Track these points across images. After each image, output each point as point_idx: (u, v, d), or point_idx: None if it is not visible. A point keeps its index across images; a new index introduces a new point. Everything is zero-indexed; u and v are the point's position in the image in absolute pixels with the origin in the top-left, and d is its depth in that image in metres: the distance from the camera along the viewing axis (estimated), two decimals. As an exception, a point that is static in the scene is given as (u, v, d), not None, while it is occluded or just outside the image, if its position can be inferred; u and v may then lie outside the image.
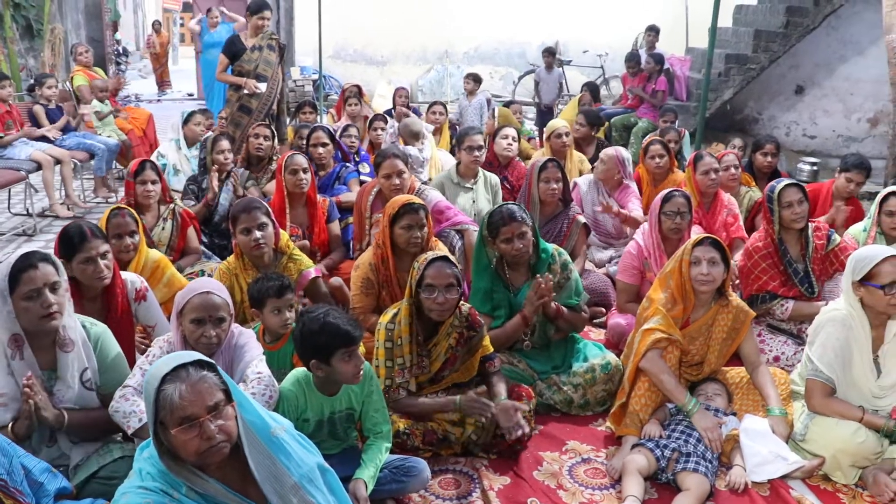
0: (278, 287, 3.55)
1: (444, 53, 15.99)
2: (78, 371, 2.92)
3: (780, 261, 4.41)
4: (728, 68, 10.30)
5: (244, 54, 7.46)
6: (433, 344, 3.46)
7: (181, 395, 2.06)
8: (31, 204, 7.30)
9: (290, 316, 3.59)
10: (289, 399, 3.01)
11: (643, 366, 3.56)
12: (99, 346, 3.03)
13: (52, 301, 2.81)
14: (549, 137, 6.73)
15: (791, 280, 4.40)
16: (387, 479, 3.07)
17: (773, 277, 4.40)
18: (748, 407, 3.64)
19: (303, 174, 5.14)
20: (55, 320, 2.83)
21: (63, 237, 3.46)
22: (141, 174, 4.91)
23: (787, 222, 4.37)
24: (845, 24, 10.52)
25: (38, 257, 2.85)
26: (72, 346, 2.90)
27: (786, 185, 4.38)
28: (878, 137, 10.84)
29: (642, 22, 12.06)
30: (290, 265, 4.24)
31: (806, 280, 4.40)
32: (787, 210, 4.34)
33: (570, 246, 5.18)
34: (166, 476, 2.11)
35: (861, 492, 3.30)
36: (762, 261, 4.42)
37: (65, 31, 13.05)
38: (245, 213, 4.04)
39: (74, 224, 3.54)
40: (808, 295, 4.40)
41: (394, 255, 4.16)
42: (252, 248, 4.02)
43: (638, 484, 3.16)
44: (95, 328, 3.06)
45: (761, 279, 4.42)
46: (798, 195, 4.34)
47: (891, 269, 3.24)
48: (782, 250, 4.40)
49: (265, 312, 3.57)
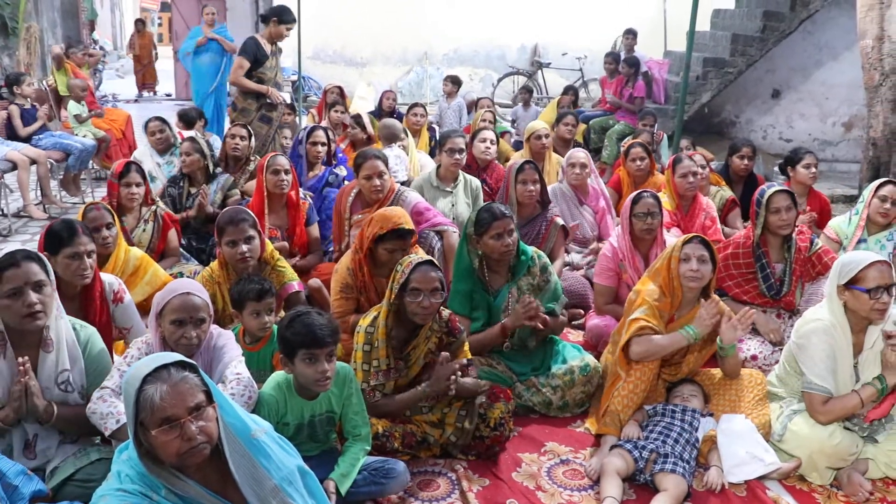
0: (258, 291, 3.54)
1: (424, 55, 15.99)
2: (55, 372, 2.89)
3: (753, 264, 4.44)
4: (706, 72, 10.39)
5: (266, 61, 7.23)
6: (412, 348, 3.45)
7: (162, 395, 2.05)
8: (7, 204, 7.22)
9: (270, 319, 3.59)
10: (269, 403, 2.99)
11: (635, 356, 3.56)
12: (88, 349, 3.00)
13: (35, 300, 2.77)
14: (529, 139, 6.73)
15: (757, 283, 4.44)
16: (366, 481, 3.07)
17: (752, 279, 4.45)
18: (725, 407, 3.67)
19: (284, 175, 5.11)
20: (39, 320, 2.80)
21: (51, 231, 3.43)
22: (126, 176, 4.88)
23: (773, 227, 4.39)
24: (821, 29, 10.65)
25: (21, 255, 2.82)
26: (52, 347, 2.87)
27: (776, 190, 4.39)
28: (853, 141, 10.99)
29: (621, 25, 12.11)
30: (273, 276, 4.16)
31: (777, 283, 4.44)
32: (774, 215, 4.36)
33: (548, 248, 5.19)
34: (145, 478, 2.10)
35: (836, 492, 3.34)
36: (732, 260, 4.46)
37: (40, 30, 12.93)
38: (232, 225, 3.95)
39: (66, 219, 3.52)
40: (771, 299, 4.45)
41: (369, 262, 4.12)
42: (238, 261, 3.96)
43: (616, 485, 3.18)
44: (85, 330, 3.03)
45: (735, 278, 4.48)
46: (787, 202, 4.35)
47: (876, 273, 3.27)
48: (758, 254, 4.43)
49: (244, 315, 3.57)
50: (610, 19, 14.07)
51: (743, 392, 3.69)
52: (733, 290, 4.50)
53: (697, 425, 3.49)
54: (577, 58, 14.51)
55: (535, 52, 15.67)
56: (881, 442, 3.37)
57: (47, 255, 3.32)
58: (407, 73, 15.94)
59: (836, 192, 8.74)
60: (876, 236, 4.74)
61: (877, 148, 7.32)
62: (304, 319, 2.91)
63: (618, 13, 14.01)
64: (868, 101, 7.43)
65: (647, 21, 13.42)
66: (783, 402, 3.61)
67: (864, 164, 7.65)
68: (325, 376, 2.92)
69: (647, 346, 3.54)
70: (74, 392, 2.94)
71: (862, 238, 4.76)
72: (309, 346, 2.88)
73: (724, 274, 4.47)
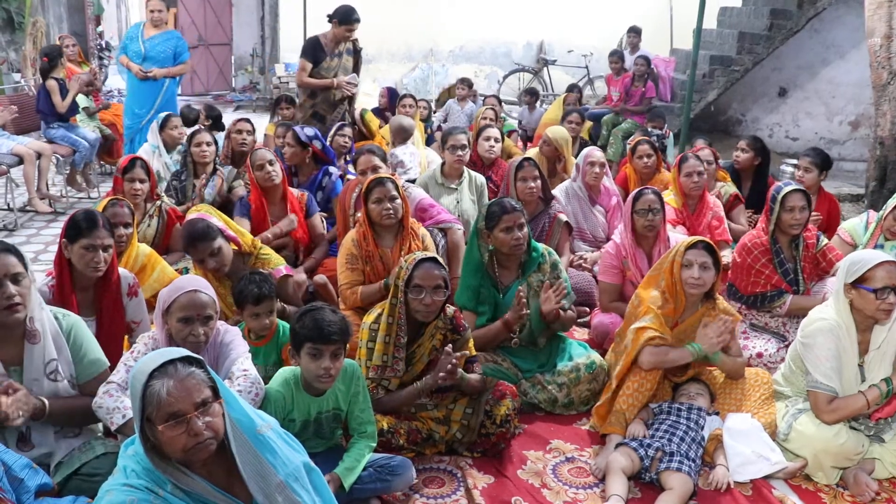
0: (256, 295, 3.60)
1: (430, 52, 15.96)
2: (43, 363, 2.86)
3: (773, 259, 4.44)
4: (712, 70, 10.37)
5: (324, 61, 7.08)
6: (417, 345, 3.44)
7: (169, 391, 2.05)
8: (13, 198, 7.23)
9: (271, 321, 3.67)
10: (276, 399, 3.00)
11: (645, 364, 3.56)
12: (72, 338, 2.97)
13: (13, 292, 2.74)
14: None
15: (782, 278, 4.45)
16: (371, 478, 3.06)
17: (773, 273, 4.45)
18: (731, 406, 3.66)
19: (269, 167, 5.09)
20: (18, 312, 2.76)
21: (74, 219, 3.44)
22: (130, 171, 4.89)
23: (785, 226, 4.39)
24: (828, 28, 10.61)
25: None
26: (39, 339, 2.84)
27: (793, 189, 4.39)
28: (859, 140, 10.96)
29: (627, 22, 12.11)
30: (259, 265, 4.23)
31: (795, 279, 4.45)
32: (787, 214, 4.36)
33: (552, 245, 5.16)
34: (151, 473, 2.09)
35: (842, 491, 3.34)
36: (762, 256, 4.46)
37: (47, 25, 12.92)
38: (192, 246, 4.00)
39: (90, 211, 3.53)
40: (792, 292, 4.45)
41: (373, 231, 4.36)
42: (212, 272, 4.05)
43: (622, 483, 3.17)
44: (68, 319, 3.00)
45: (763, 274, 4.46)
46: (802, 202, 4.35)
47: (884, 274, 3.25)
48: (775, 249, 4.43)
49: (245, 316, 3.66)
50: (616, 16, 14.03)
51: (749, 391, 3.68)
52: (753, 279, 4.48)
53: (703, 424, 3.48)
54: (582, 55, 14.49)
55: (541, 50, 15.63)
56: (887, 441, 3.36)
57: (65, 242, 3.36)
58: (412, 69, 15.91)
59: (843, 191, 8.72)
60: (894, 241, 4.66)
61: (884, 147, 7.30)
62: (315, 315, 2.93)
63: (624, 10, 13.97)
64: (875, 99, 7.41)
65: (654, 18, 13.39)
66: (789, 401, 3.60)
67: (870, 162, 7.64)
68: (328, 373, 2.93)
69: (657, 357, 3.54)
70: (64, 381, 2.91)
71: (878, 244, 4.72)
72: (315, 340, 2.89)
73: (744, 268, 4.47)
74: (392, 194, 4.32)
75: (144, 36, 8.03)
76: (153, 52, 7.98)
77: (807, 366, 3.43)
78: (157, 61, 7.99)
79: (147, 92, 8.04)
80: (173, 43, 8.13)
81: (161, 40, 8.04)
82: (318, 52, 7.07)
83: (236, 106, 14.94)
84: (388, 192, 4.31)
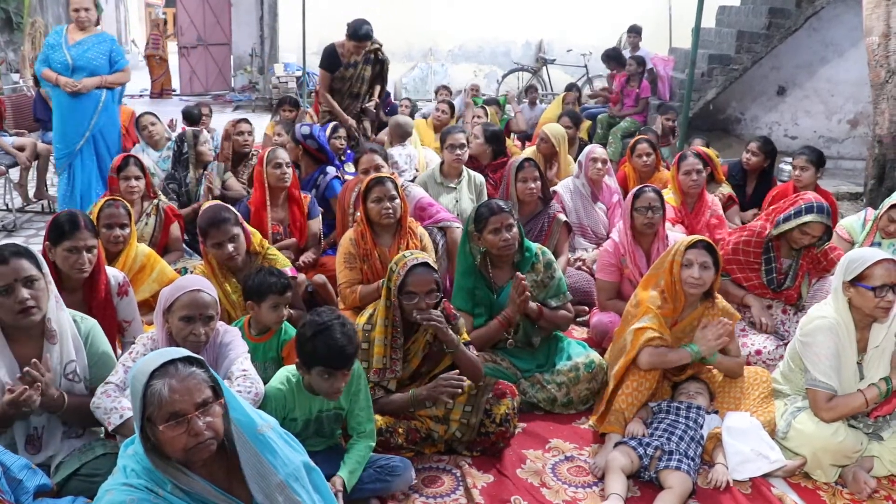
0: (282, 285, 3.61)
1: (429, 51, 15.95)
2: (62, 363, 2.88)
3: (760, 255, 4.43)
4: (711, 69, 10.35)
5: (339, 70, 7.02)
6: (412, 342, 3.45)
7: (170, 390, 2.05)
8: (11, 199, 7.23)
9: (286, 312, 3.66)
10: (276, 399, 3.00)
11: (644, 365, 3.56)
12: (90, 341, 2.99)
13: (26, 296, 2.74)
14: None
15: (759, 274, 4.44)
16: (371, 478, 3.07)
17: (756, 276, 4.45)
18: (730, 405, 3.66)
19: (286, 168, 5.09)
20: (33, 315, 2.78)
21: (56, 221, 3.44)
22: (124, 170, 4.88)
23: (794, 241, 4.35)
24: (826, 26, 10.61)
25: (9, 251, 2.79)
26: (57, 339, 2.86)
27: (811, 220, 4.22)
28: (858, 138, 10.96)
29: (626, 21, 12.10)
30: (266, 265, 4.16)
31: (781, 278, 4.44)
32: (802, 236, 4.28)
33: (551, 245, 5.15)
34: (151, 473, 2.09)
35: (841, 489, 3.34)
36: (743, 247, 4.45)
37: (45, 25, 12.93)
38: (214, 227, 3.91)
39: (71, 212, 3.53)
40: (772, 292, 4.45)
41: (371, 230, 4.36)
42: (226, 260, 3.98)
43: (621, 482, 3.18)
44: (86, 322, 3.03)
45: (746, 271, 4.47)
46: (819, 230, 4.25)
47: (883, 272, 3.26)
48: (766, 247, 4.41)
49: (263, 307, 3.60)
50: (615, 16, 14.04)
51: (748, 389, 3.69)
52: (736, 273, 4.50)
53: (702, 422, 3.48)
54: (581, 54, 14.48)
55: (540, 49, 15.62)
56: (886, 439, 3.37)
57: (48, 244, 3.35)
58: (412, 69, 15.91)
59: (842, 190, 8.70)
60: (891, 239, 4.68)
61: (882, 145, 7.30)
62: (328, 339, 2.86)
63: (623, 9, 13.97)
64: (874, 98, 7.41)
65: (653, 17, 13.37)
66: (787, 399, 3.61)
67: (869, 161, 7.64)
68: (338, 389, 2.95)
69: (656, 358, 3.55)
70: (80, 382, 2.94)
71: (875, 242, 4.73)
72: (328, 365, 2.89)
73: (731, 258, 4.47)
74: (391, 194, 4.32)
75: (69, 42, 6.30)
76: (82, 59, 6.26)
77: (806, 364, 3.44)
78: (87, 70, 6.27)
79: (80, 109, 6.34)
80: (106, 47, 6.41)
81: (91, 45, 6.33)
82: (334, 60, 7.04)
83: (235, 106, 14.94)
84: (387, 192, 4.31)
